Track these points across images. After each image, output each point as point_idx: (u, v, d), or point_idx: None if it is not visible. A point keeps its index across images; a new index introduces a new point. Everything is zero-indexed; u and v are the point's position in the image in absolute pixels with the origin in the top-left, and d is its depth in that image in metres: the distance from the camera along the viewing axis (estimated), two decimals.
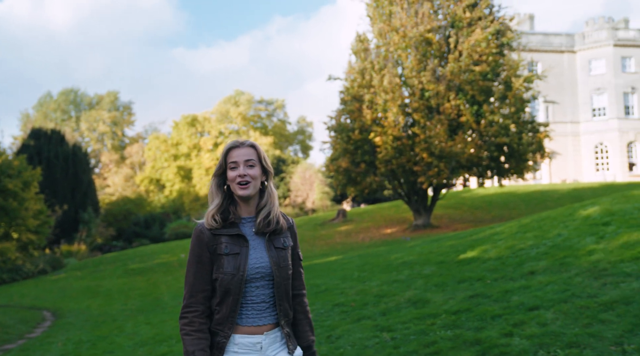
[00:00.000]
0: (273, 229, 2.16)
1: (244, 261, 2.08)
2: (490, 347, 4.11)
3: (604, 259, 5.65)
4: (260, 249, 2.13)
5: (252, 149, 2.18)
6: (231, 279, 2.06)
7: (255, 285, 2.10)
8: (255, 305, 2.11)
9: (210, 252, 2.10)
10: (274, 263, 2.12)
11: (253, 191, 2.14)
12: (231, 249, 2.09)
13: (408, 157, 20.17)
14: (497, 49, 20.64)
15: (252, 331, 2.09)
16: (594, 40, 40.61)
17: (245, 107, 57.65)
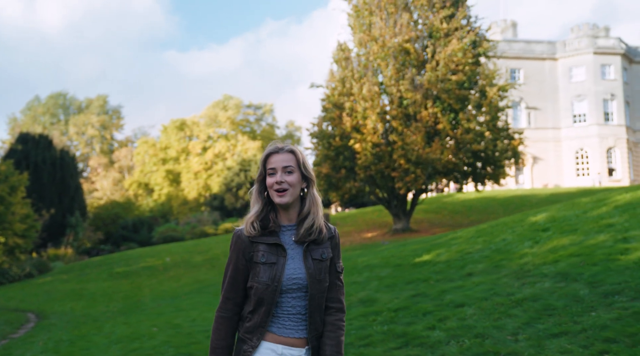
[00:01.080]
0: (313, 239, 2.11)
1: (280, 271, 2.04)
2: (413, 338, 4.70)
3: (530, 262, 6.27)
4: (297, 260, 2.09)
5: (291, 155, 2.13)
6: (265, 289, 2.03)
7: (291, 296, 2.06)
8: (292, 316, 2.07)
9: (246, 259, 2.08)
10: (310, 274, 2.06)
11: (291, 199, 2.08)
12: (268, 259, 2.05)
13: (387, 163, 20.78)
14: (473, 59, 21.32)
15: (292, 343, 2.07)
16: (574, 48, 41.52)
17: (233, 111, 58.18)
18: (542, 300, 4.91)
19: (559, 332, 4.10)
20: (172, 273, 19.68)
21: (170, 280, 18.18)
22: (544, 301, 4.87)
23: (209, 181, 54.95)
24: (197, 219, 47.06)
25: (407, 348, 4.56)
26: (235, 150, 55.93)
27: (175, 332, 7.26)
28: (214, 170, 55.11)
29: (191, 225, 44.13)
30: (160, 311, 10.62)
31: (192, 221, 46.62)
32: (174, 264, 22.06)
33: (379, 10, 22.00)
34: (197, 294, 13.03)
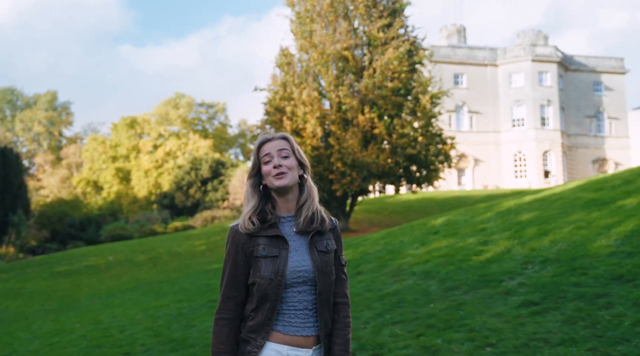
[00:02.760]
0: (317, 230, 2.02)
1: (283, 264, 1.93)
2: None
3: (408, 262, 7.16)
4: (301, 252, 1.98)
5: (285, 141, 2.07)
6: (269, 284, 1.92)
7: (297, 290, 1.96)
8: (298, 311, 1.96)
9: (245, 254, 1.97)
10: (317, 267, 1.97)
11: (291, 181, 2.00)
12: (269, 252, 1.95)
13: (325, 166, 21.63)
14: (409, 67, 22.38)
15: (299, 343, 1.95)
16: (514, 55, 43.40)
17: (185, 110, 58.13)
18: (400, 295, 5.78)
19: (398, 321, 4.96)
20: (114, 272, 20.01)
21: (110, 279, 18.52)
22: (401, 296, 5.74)
23: (159, 179, 54.82)
24: (147, 217, 46.99)
25: None
26: (186, 148, 55.94)
27: (95, 327, 7.86)
28: (165, 168, 55.00)
29: (140, 224, 44.08)
30: (91, 309, 11.12)
31: (141, 220, 46.54)
32: (117, 263, 22.34)
33: (320, 18, 22.82)
34: (132, 292, 13.53)
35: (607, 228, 6.05)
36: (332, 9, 22.57)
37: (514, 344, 3.90)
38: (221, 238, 26.41)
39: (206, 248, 23.85)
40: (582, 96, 45.55)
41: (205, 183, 50.58)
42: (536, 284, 5.00)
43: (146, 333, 6.64)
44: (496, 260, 6.07)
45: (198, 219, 43.27)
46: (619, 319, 3.93)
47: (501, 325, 4.30)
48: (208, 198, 50.16)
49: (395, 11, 23.25)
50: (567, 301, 4.48)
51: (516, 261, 5.82)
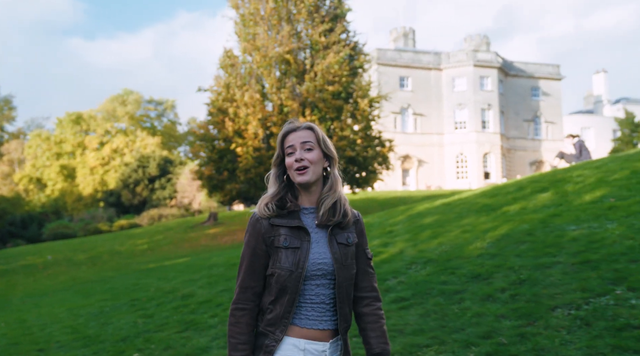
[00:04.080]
0: (338, 222, 1.98)
1: (304, 256, 1.89)
2: (194, 324, 5.98)
3: None
4: (322, 244, 1.94)
5: (310, 131, 2.00)
6: (289, 276, 1.88)
7: (315, 283, 1.92)
8: (315, 305, 1.92)
9: (266, 244, 1.92)
10: (336, 260, 1.92)
11: (313, 177, 1.95)
12: (291, 243, 1.90)
13: (267, 167, 22.07)
14: (349, 71, 23.06)
15: (315, 336, 1.91)
16: (457, 60, 44.88)
17: (133, 106, 57.42)
18: None
19: None
20: (51, 271, 19.92)
21: (47, 278, 18.46)
22: None
23: (105, 176, 54.00)
24: (92, 215, 46.30)
25: (187, 331, 5.83)
26: (134, 146, 55.28)
27: (18, 326, 8.13)
28: (111, 166, 54.22)
29: (85, 222, 43.43)
30: (20, 309, 11.27)
31: (86, 218, 45.82)
32: (56, 262, 22.20)
33: (263, 21, 23.24)
34: (64, 292, 13.66)
35: (485, 232, 6.78)
36: (275, 12, 23.02)
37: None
38: (164, 237, 26.51)
39: (148, 247, 23.95)
40: (520, 100, 47.52)
41: (153, 180, 50.21)
42: (411, 283, 5.64)
43: (64, 330, 6.99)
44: (389, 261, 6.71)
45: (145, 217, 43.00)
46: (464, 312, 4.59)
47: None
48: (155, 196, 49.80)
49: (337, 16, 23.89)
50: (431, 297, 5.13)
51: (404, 262, 6.47)
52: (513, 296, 4.69)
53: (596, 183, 7.75)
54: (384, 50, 43.95)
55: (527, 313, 4.29)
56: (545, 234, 6.05)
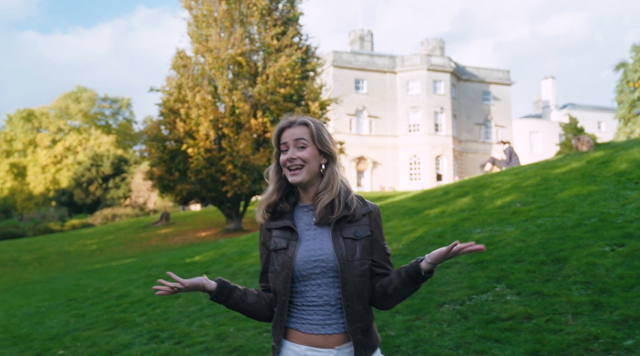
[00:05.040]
0: (341, 217, 1.86)
1: (290, 257, 1.83)
2: (123, 322, 6.25)
3: (250, 262, 8.10)
4: (321, 240, 1.85)
5: (304, 128, 1.91)
6: (276, 279, 1.85)
7: (316, 283, 1.82)
8: (318, 308, 1.82)
9: (266, 247, 1.94)
10: (340, 255, 1.81)
11: (306, 177, 1.88)
12: (278, 244, 1.88)
13: (217, 168, 22.26)
14: (301, 74, 23.46)
15: (318, 343, 1.81)
16: (411, 63, 45.86)
17: (87, 104, 56.46)
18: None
19: (212, 314, 5.85)
20: None
21: None
22: None
23: (57, 175, 52.97)
24: (42, 215, 45.42)
25: (114, 329, 6.10)
26: (87, 144, 54.41)
27: None
28: (64, 164, 53.23)
29: (35, 221, 42.56)
30: None
31: (36, 217, 44.91)
32: (0, 262, 21.86)
33: (216, 23, 23.41)
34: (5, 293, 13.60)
35: (403, 234, 7.26)
36: (228, 15, 23.23)
37: None
38: (114, 237, 26.37)
39: (97, 247, 23.81)
40: (472, 104, 48.88)
41: (107, 180, 49.54)
42: None
43: None
44: None
45: (98, 217, 42.44)
46: None
47: None
48: (109, 196, 49.15)
49: (289, 20, 24.26)
50: None
51: None
52: None
53: (510, 189, 8.35)
54: (339, 53, 44.55)
55: (418, 308, 4.75)
56: (454, 236, 6.56)
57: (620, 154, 8.71)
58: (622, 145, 9.82)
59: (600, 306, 4.03)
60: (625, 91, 37.98)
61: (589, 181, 7.56)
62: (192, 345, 4.91)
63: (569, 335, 3.73)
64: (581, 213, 6.21)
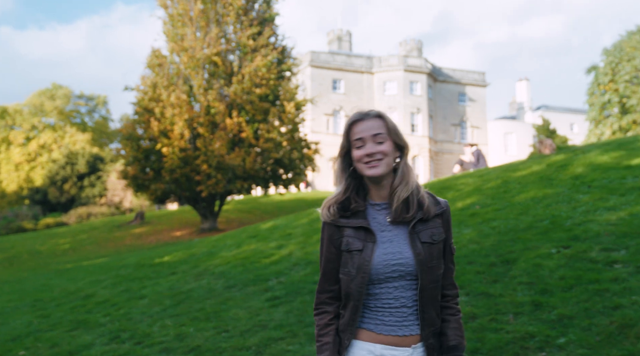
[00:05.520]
0: (417, 218, 1.81)
1: (367, 259, 1.76)
2: (86, 323, 6.31)
3: (216, 263, 8.20)
4: (399, 242, 1.79)
5: (380, 121, 1.86)
6: (350, 282, 1.79)
7: (393, 286, 1.78)
8: (394, 310, 1.79)
9: (335, 247, 1.84)
10: (420, 261, 1.77)
11: (386, 169, 1.81)
12: (353, 245, 1.79)
13: (192, 168, 22.25)
14: (277, 75, 23.54)
15: (394, 342, 1.78)
16: (388, 64, 46.19)
17: (62, 101, 55.76)
18: (190, 293, 6.79)
19: (174, 314, 5.95)
20: None
21: None
22: (190, 294, 6.76)
23: (31, 173, 52.29)
24: (15, 213, 44.76)
25: (77, 330, 6.16)
26: (62, 142, 53.78)
27: None
28: (38, 162, 52.57)
29: (7, 220, 41.95)
30: None
31: (9, 216, 44.24)
32: None
33: (191, 22, 23.37)
34: None
35: None
36: (204, 14, 23.20)
37: (242, 330, 5.02)
38: (88, 236, 26.15)
39: (70, 246, 23.61)
40: (448, 105, 49.41)
41: (82, 178, 49.02)
42: (288, 283, 6.20)
43: None
44: (277, 262, 7.26)
45: (72, 215, 41.99)
46: None
47: (243, 316, 5.42)
48: (84, 194, 48.64)
49: (265, 20, 24.31)
50: (300, 295, 5.70)
51: (289, 264, 7.03)
52: None
53: (472, 191, 8.57)
54: (317, 53, 44.69)
55: None
56: None
57: (579, 158, 9.00)
58: (582, 149, 10.13)
59: (540, 306, 4.23)
60: (596, 93, 38.78)
61: (546, 184, 7.81)
62: (152, 345, 5.00)
63: (508, 333, 3.92)
64: (534, 216, 6.44)
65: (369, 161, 1.79)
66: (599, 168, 7.86)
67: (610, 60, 37.95)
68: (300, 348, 4.34)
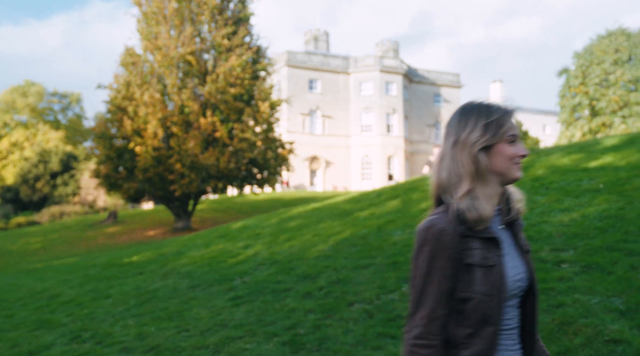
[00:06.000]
0: (514, 219, 1.62)
1: (502, 275, 1.51)
2: (50, 322, 6.31)
3: (184, 263, 8.24)
4: (513, 255, 1.59)
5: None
6: (487, 303, 1.49)
7: (509, 305, 1.57)
8: (510, 331, 1.58)
9: (453, 261, 1.50)
10: (530, 273, 1.60)
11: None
12: (487, 259, 1.51)
13: (166, 167, 22.14)
14: (252, 74, 23.55)
15: None
16: (364, 65, 46.46)
17: (35, 98, 54.92)
18: (155, 292, 6.82)
19: (137, 314, 5.99)
20: None
21: None
22: (155, 293, 6.80)
23: (3, 171, 51.48)
24: None
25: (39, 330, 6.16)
26: (35, 140, 52.98)
27: None
28: (9, 160, 51.76)
29: None
30: None
31: None
32: None
33: (166, 21, 23.25)
34: None
35: (331, 236, 7.55)
36: (178, 13, 23.11)
37: (202, 329, 5.09)
38: (59, 236, 25.86)
39: (41, 246, 23.34)
40: (423, 106, 49.91)
41: (55, 176, 48.39)
42: (251, 283, 6.28)
43: None
44: (242, 262, 7.33)
45: (45, 214, 41.47)
46: (283, 308, 5.27)
47: (205, 315, 5.49)
48: (57, 193, 48.03)
49: (240, 20, 24.31)
50: (263, 295, 5.79)
51: (255, 263, 7.11)
52: (327, 293, 5.43)
53: None
54: (294, 53, 44.75)
55: (330, 308, 5.03)
56: (376, 238, 6.88)
57: (541, 160, 9.23)
58: (545, 151, 10.38)
59: None
60: (567, 95, 39.55)
61: None
62: (112, 345, 5.04)
63: None
64: None
65: (519, 163, 1.55)
66: (559, 170, 8.09)
67: (581, 63, 38.76)
68: (257, 347, 4.43)
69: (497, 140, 1.53)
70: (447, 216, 1.51)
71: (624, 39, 38.37)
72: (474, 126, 1.54)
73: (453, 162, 1.54)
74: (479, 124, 1.54)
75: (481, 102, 1.59)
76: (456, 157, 1.54)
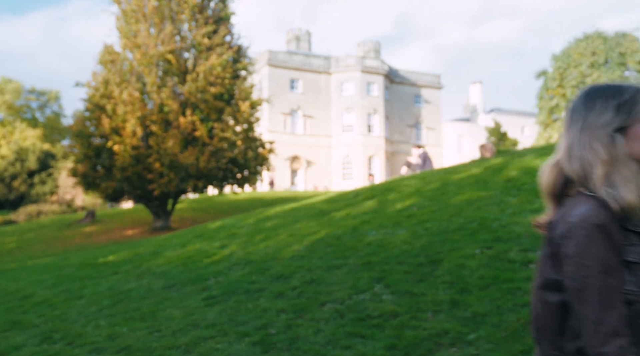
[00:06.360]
0: None
1: None
2: (19, 323, 6.25)
3: (159, 263, 8.21)
4: None
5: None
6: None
7: None
8: None
9: (619, 257, 1.33)
10: None
11: None
12: None
13: (144, 166, 21.98)
14: (232, 74, 23.48)
15: None
16: (346, 65, 46.59)
17: (12, 96, 54.13)
18: (129, 292, 6.80)
19: (110, 314, 5.97)
20: None
21: None
22: (129, 293, 6.77)
23: None
24: None
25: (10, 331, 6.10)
26: (11, 137, 52.22)
27: None
28: None
29: None
30: None
31: None
32: None
33: (145, 19, 23.07)
34: None
35: (306, 236, 7.58)
36: (158, 11, 22.95)
37: (174, 329, 5.09)
38: (36, 235, 25.52)
39: (17, 245, 23.03)
40: (404, 106, 50.19)
41: (32, 175, 47.80)
42: (225, 282, 6.29)
43: None
44: (217, 262, 7.33)
45: (21, 213, 40.91)
46: (256, 308, 5.29)
47: (178, 315, 5.49)
48: (35, 192, 47.44)
49: (221, 19, 24.22)
50: (236, 295, 5.80)
51: (229, 263, 7.12)
52: (300, 293, 5.47)
53: (412, 193, 8.83)
54: (275, 52, 44.70)
55: (303, 307, 5.06)
56: (350, 239, 6.93)
57: (515, 161, 9.37)
58: (519, 153, 10.54)
59: (458, 304, 4.46)
60: (545, 97, 40.09)
61: (481, 187, 8.13)
62: (83, 345, 5.02)
63: (425, 330, 4.13)
64: (466, 217, 6.72)
65: None
66: (531, 172, 8.22)
67: (559, 65, 39.32)
68: (228, 346, 4.45)
69: (632, 121, 1.37)
70: (599, 209, 1.32)
71: (601, 42, 39.00)
72: (604, 107, 1.39)
73: (584, 150, 1.38)
74: (610, 105, 1.39)
75: (607, 83, 1.44)
76: (586, 143, 1.38)
